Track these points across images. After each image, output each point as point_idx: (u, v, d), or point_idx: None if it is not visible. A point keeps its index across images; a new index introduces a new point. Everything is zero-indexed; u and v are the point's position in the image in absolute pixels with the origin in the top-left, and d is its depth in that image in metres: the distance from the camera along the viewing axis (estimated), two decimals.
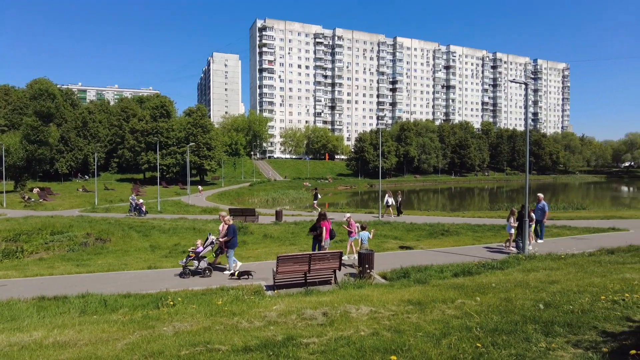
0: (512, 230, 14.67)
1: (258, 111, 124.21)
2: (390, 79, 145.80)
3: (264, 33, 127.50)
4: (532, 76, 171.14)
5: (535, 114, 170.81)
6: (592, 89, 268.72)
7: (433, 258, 12.82)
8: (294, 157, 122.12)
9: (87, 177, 72.61)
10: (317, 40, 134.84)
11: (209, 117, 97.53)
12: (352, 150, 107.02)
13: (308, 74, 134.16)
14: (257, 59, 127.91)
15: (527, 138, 13.87)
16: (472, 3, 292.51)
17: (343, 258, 11.81)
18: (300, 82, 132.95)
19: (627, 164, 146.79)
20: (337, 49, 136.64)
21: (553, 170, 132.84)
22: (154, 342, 5.47)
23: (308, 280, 10.64)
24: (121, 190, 58.01)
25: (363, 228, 13.68)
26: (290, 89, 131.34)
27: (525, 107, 13.68)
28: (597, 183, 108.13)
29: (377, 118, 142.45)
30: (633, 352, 3.80)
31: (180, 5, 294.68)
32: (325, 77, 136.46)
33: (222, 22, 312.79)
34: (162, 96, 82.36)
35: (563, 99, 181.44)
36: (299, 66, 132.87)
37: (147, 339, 5.68)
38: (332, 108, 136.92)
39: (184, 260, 12.18)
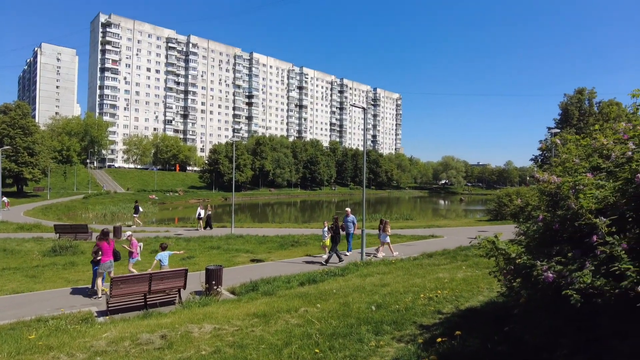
0: (388, 239, 15.61)
1: (97, 114, 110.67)
2: (247, 93, 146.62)
3: (108, 30, 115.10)
4: (373, 103, 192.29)
5: (374, 136, 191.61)
6: (419, 117, 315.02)
7: (282, 269, 13.07)
8: (139, 167, 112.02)
9: None
10: (170, 45, 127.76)
11: (33, 118, 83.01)
12: (206, 162, 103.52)
13: (158, 79, 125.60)
14: (99, 57, 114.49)
15: (364, 157, 15.37)
16: (323, 29, 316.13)
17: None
18: (149, 86, 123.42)
19: (443, 181, 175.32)
20: (191, 57, 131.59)
21: (388, 185, 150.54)
22: None
23: (148, 302, 9.74)
24: None
25: (164, 248, 11.89)
26: (137, 93, 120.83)
27: (364, 130, 15.21)
28: (422, 197, 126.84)
29: (233, 130, 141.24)
30: (439, 339, 4.44)
31: None
32: (178, 83, 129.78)
33: (54, 9, 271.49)
34: None
35: (396, 125, 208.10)
36: (148, 69, 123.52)
37: None
38: (185, 116, 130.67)
39: None
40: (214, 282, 10.23)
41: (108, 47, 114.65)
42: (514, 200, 27.97)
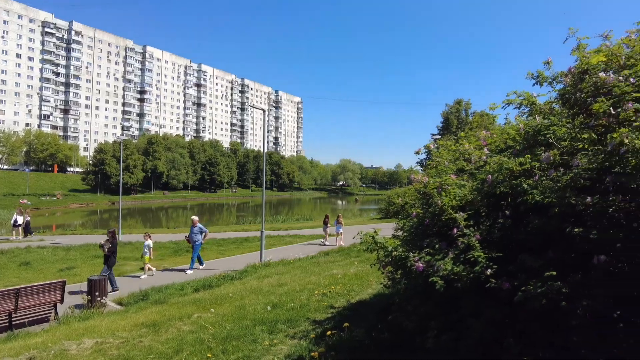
0: (341, 230, 18.78)
1: None
2: (139, 88, 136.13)
3: None
4: (275, 105, 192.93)
5: (276, 138, 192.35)
6: (319, 120, 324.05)
7: (176, 276, 12.49)
8: (6, 167, 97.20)
9: None
10: (47, 29, 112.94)
11: None
12: (90, 162, 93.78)
13: (32, 67, 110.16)
14: None
15: (264, 158, 15.40)
16: (224, 27, 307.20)
17: None
18: (19, 75, 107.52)
19: (341, 183, 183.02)
20: (74, 45, 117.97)
21: (290, 187, 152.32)
22: None
23: (15, 322, 8.54)
24: None
25: None
26: (4, 82, 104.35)
27: (264, 131, 15.25)
28: (321, 198, 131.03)
29: (123, 128, 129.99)
30: (329, 332, 4.67)
31: None
32: (57, 74, 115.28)
33: None
34: None
35: (297, 127, 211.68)
36: (18, 56, 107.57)
37: None
38: (66, 112, 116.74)
39: None
40: (97, 294, 9.38)
41: None
42: (395, 199, 30.39)
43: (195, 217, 14.52)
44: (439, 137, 36.57)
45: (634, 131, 2.71)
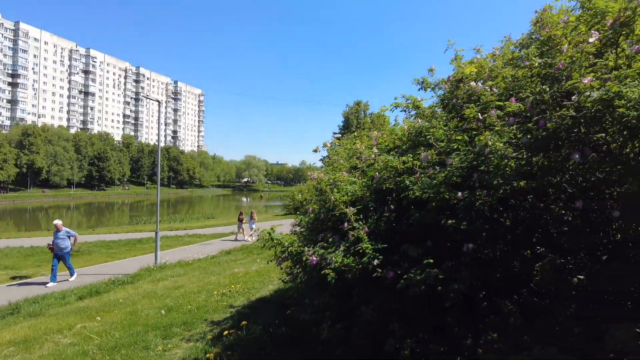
0: (254, 226, 19.15)
1: None
2: (10, 71, 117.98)
3: None
4: (173, 96, 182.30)
5: (175, 131, 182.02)
6: (223, 115, 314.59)
7: (56, 285, 11.19)
8: None
9: None
10: None
11: None
12: None
13: None
14: None
15: (159, 152, 14.54)
16: (116, 10, 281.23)
17: None
18: None
19: (246, 179, 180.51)
20: None
21: (190, 184, 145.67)
22: None
23: None
24: None
25: None
26: None
27: (159, 124, 14.38)
28: (225, 195, 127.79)
29: None
30: (226, 332, 4.59)
31: None
32: None
33: None
34: None
35: (199, 121, 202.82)
36: None
37: None
38: None
39: None
40: None
41: None
42: (297, 195, 30.94)
43: (58, 222, 12.51)
44: (340, 136, 38.04)
45: (496, 135, 3.11)
